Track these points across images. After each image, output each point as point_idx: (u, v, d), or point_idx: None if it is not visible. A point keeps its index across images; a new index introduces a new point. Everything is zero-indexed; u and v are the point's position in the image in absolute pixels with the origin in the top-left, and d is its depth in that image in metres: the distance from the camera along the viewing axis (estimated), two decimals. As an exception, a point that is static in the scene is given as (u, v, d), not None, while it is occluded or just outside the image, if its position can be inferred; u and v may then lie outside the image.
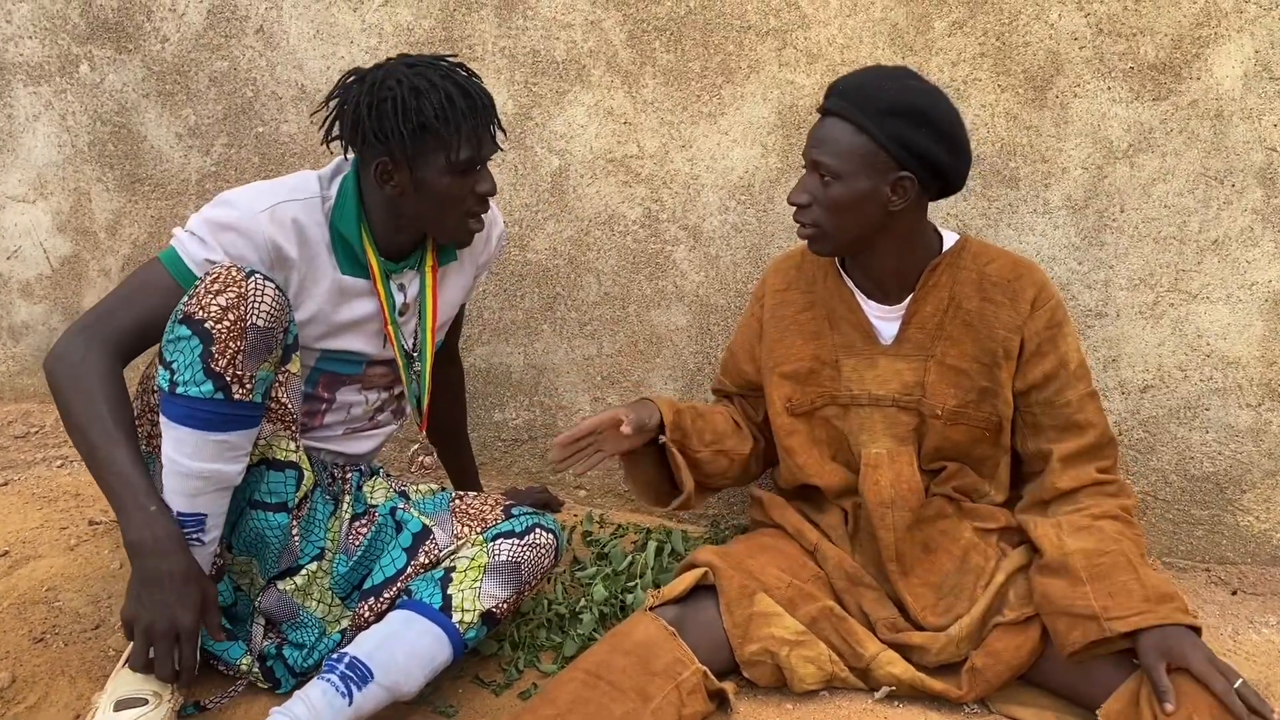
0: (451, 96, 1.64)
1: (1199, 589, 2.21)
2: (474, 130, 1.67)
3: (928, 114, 1.63)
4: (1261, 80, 2.06)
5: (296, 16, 2.46)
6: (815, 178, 1.68)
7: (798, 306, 1.88)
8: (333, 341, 1.79)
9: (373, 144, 1.66)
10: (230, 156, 2.58)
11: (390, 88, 1.64)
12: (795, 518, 1.91)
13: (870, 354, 1.81)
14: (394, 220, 1.75)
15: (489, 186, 1.73)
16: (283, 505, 1.66)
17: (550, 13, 2.33)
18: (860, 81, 1.67)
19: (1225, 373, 2.18)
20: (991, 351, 1.75)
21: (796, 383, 1.86)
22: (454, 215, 1.73)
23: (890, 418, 1.80)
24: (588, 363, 2.47)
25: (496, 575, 1.72)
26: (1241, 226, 2.12)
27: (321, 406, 1.85)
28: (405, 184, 1.68)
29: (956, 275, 1.77)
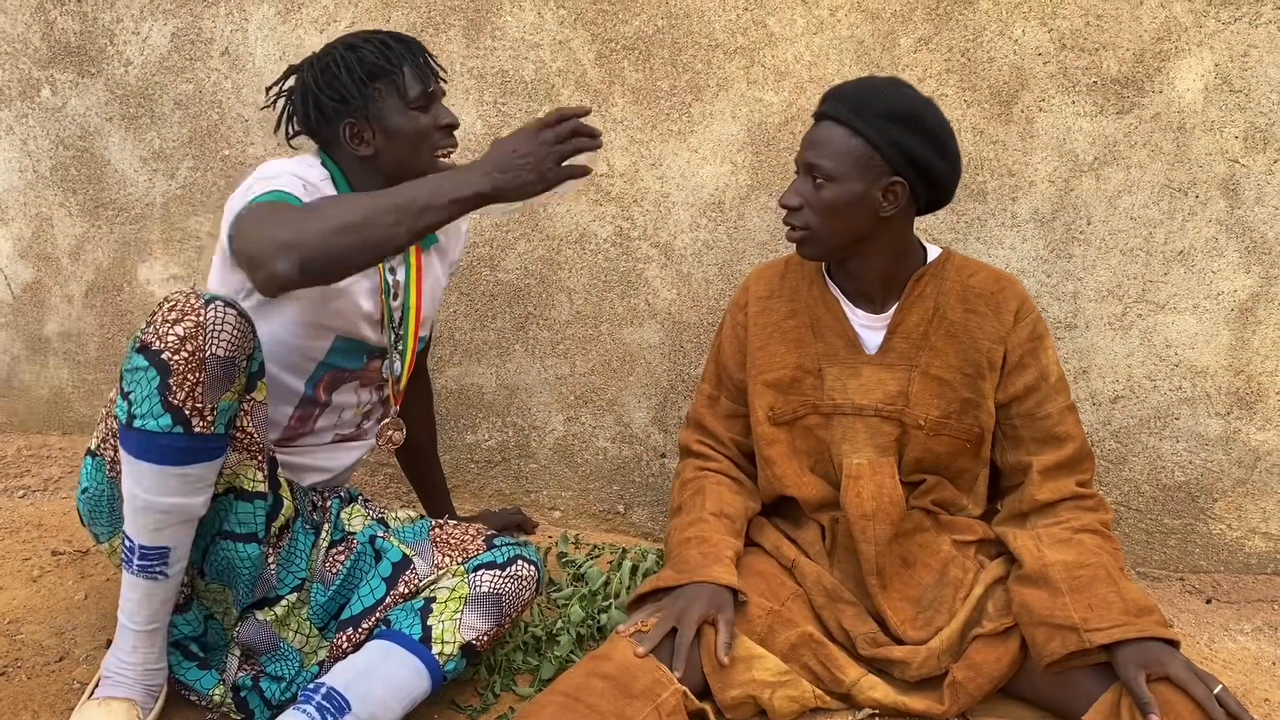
0: (385, 41, 1.74)
1: (1174, 598, 2.22)
2: (417, 66, 1.75)
3: (922, 120, 1.66)
4: (1221, 93, 2.09)
5: (262, 39, 2.44)
6: (808, 181, 1.70)
7: (781, 314, 1.87)
8: (338, 321, 1.77)
9: (331, 110, 1.72)
10: (196, 180, 2.55)
11: (328, 54, 1.74)
12: (774, 535, 1.90)
13: (854, 363, 1.81)
14: (379, 186, 1.76)
15: (451, 118, 1.79)
16: (253, 536, 1.63)
17: (518, 33, 2.33)
18: (856, 88, 1.70)
19: (1194, 382, 2.20)
20: (975, 362, 1.76)
21: (779, 391, 1.85)
22: (425, 152, 1.76)
23: (873, 428, 1.80)
24: (560, 382, 2.46)
25: (477, 607, 1.69)
26: (1206, 237, 2.14)
27: (316, 411, 1.83)
28: (375, 138, 1.74)
29: (941, 286, 1.78)
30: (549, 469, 2.51)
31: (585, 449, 2.48)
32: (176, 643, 1.66)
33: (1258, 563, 2.25)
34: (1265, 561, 2.25)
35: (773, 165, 2.27)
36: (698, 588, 1.69)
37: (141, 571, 1.53)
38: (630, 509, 2.48)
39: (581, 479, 2.49)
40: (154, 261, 2.62)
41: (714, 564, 1.73)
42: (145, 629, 1.56)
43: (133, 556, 1.52)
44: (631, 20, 2.27)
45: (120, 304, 2.68)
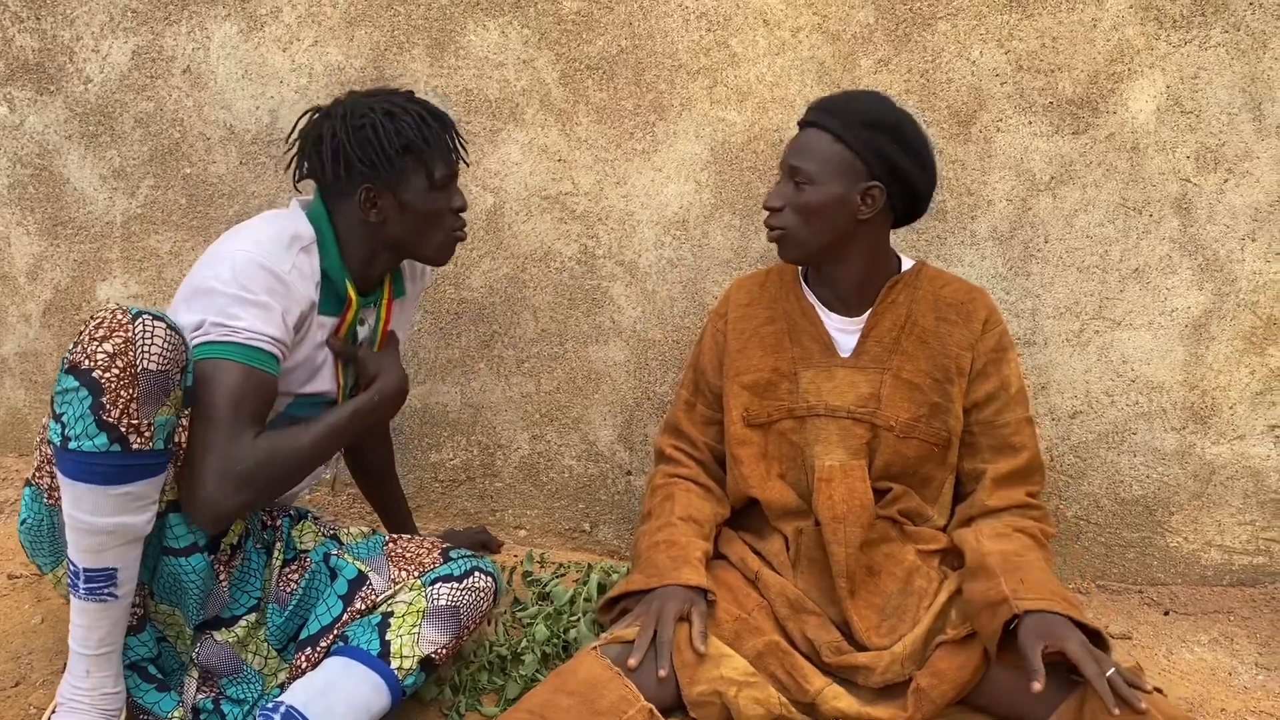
0: (424, 116, 1.73)
1: (1133, 610, 2.25)
2: (447, 146, 1.75)
3: (901, 129, 1.75)
4: (1173, 114, 2.14)
5: (225, 57, 2.43)
6: (790, 184, 1.77)
7: (760, 320, 1.92)
8: (310, 385, 1.77)
9: (357, 172, 1.70)
10: (157, 198, 2.53)
11: (365, 115, 1.70)
12: (740, 547, 1.92)
13: (828, 365, 1.86)
14: (372, 251, 1.78)
15: (462, 201, 1.81)
16: (194, 547, 1.60)
17: (482, 52, 2.33)
18: (841, 98, 1.80)
19: (1150, 397, 2.24)
20: (945, 368, 1.81)
21: (754, 394, 1.89)
22: (439, 233, 1.78)
23: (845, 429, 1.83)
24: (525, 400, 2.45)
25: (435, 620, 1.68)
26: (1160, 255, 2.19)
27: None
28: (389, 209, 1.73)
29: (914, 294, 1.85)
30: (514, 488, 2.50)
31: (550, 467, 2.48)
32: (134, 665, 1.64)
33: (1213, 575, 2.29)
34: (1221, 573, 2.28)
35: (736, 184, 2.29)
36: (669, 589, 1.72)
37: (89, 595, 1.50)
38: (596, 527, 2.48)
39: (547, 497, 2.49)
40: (114, 280, 2.59)
41: (683, 566, 1.76)
42: (97, 653, 1.54)
43: (78, 581, 1.49)
44: (595, 40, 2.29)
45: (79, 324, 2.65)
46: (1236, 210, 2.15)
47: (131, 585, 1.53)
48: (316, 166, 1.73)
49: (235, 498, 1.52)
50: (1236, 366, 2.20)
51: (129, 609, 1.56)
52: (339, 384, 1.82)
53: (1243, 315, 2.18)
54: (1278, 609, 2.22)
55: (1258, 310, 2.18)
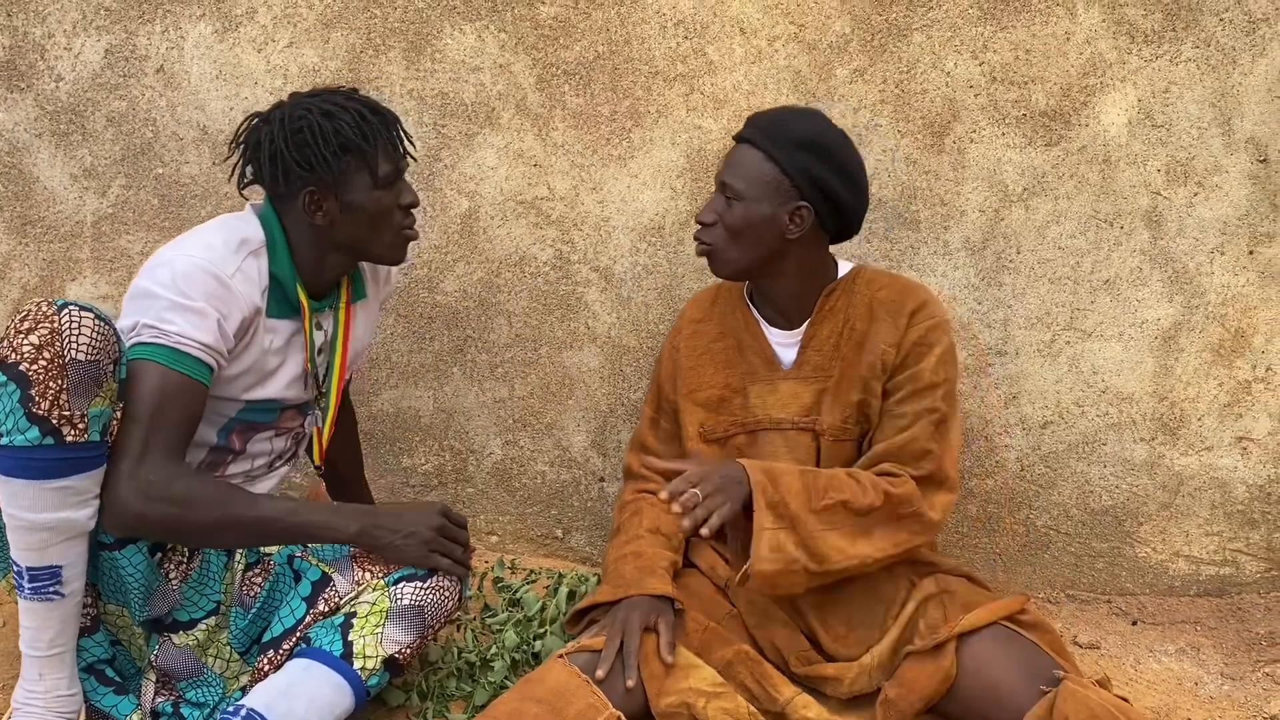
0: (363, 114, 1.70)
1: (1101, 620, 2.26)
2: (390, 143, 1.73)
3: (833, 151, 1.75)
4: (1145, 127, 2.16)
5: (199, 57, 2.42)
6: (722, 199, 1.78)
7: (711, 336, 1.93)
8: (259, 390, 1.76)
9: (296, 176, 1.68)
10: (129, 198, 2.51)
11: (302, 116, 1.68)
12: (710, 556, 1.92)
13: (772, 379, 1.87)
14: (322, 254, 1.76)
15: (412, 197, 1.78)
16: (127, 539, 1.59)
17: (459, 56, 2.33)
18: (775, 116, 1.79)
19: (1120, 408, 2.25)
20: (871, 365, 1.81)
21: (709, 410, 1.90)
22: (387, 232, 1.76)
23: (791, 440, 1.85)
24: (499, 405, 2.44)
25: (399, 620, 1.67)
26: (1131, 267, 2.20)
27: (228, 458, 1.80)
28: (334, 210, 1.71)
29: (851, 300, 1.85)
30: (486, 493, 2.49)
31: (523, 473, 2.47)
32: (91, 667, 1.62)
33: (1181, 585, 2.30)
34: (1188, 583, 2.30)
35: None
36: (635, 600, 1.72)
37: (35, 594, 1.48)
38: (569, 533, 2.47)
39: (519, 503, 2.48)
40: (83, 280, 2.56)
41: (648, 576, 1.76)
42: (49, 654, 1.52)
43: (23, 580, 1.48)
44: (572, 46, 2.29)
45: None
46: (1205, 223, 2.17)
47: (79, 584, 1.51)
48: (260, 174, 1.72)
49: (141, 504, 1.51)
50: (1205, 378, 2.22)
51: (79, 609, 1.54)
52: (306, 370, 1.81)
53: (1211, 328, 2.20)
54: (1243, 620, 2.23)
55: (1226, 323, 2.20)
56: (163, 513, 1.54)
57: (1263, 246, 2.17)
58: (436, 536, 1.69)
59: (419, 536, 1.68)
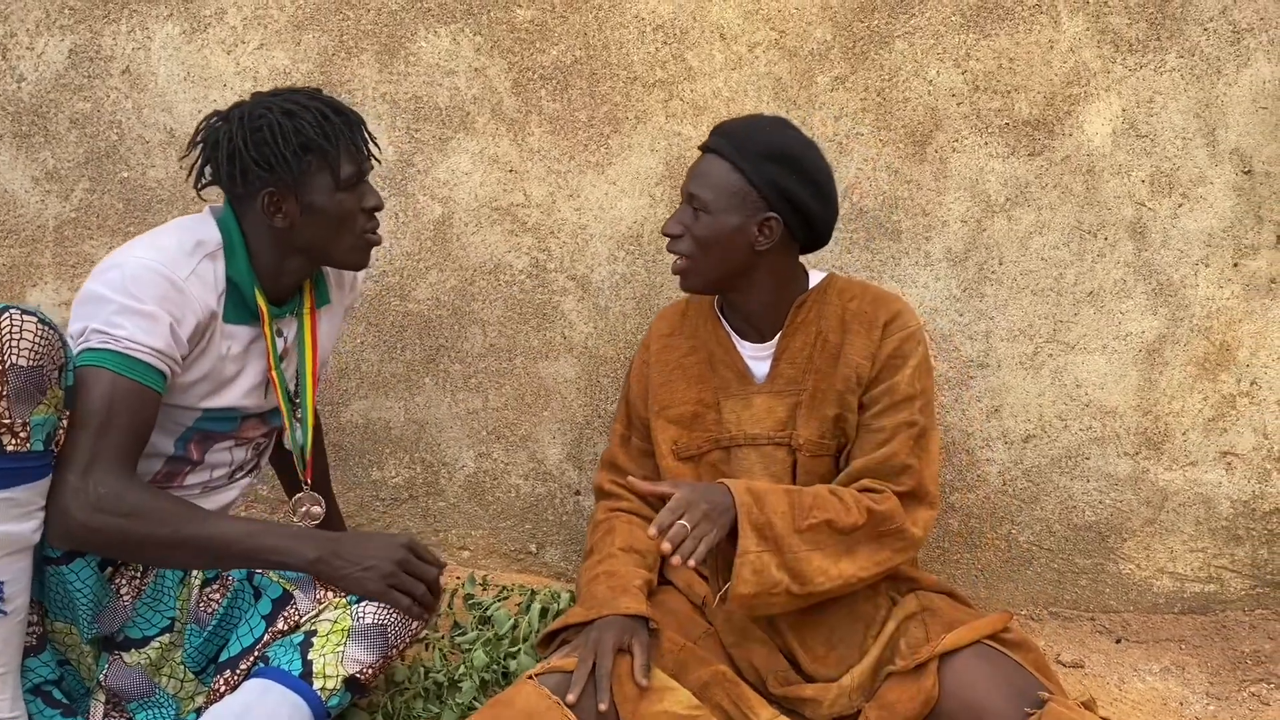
0: (325, 114, 1.65)
1: (1085, 638, 2.22)
2: (352, 143, 1.68)
3: (800, 162, 1.71)
4: (1129, 137, 2.13)
5: (166, 58, 2.36)
6: (689, 210, 1.73)
7: (682, 351, 1.88)
8: (217, 399, 1.70)
9: (255, 176, 1.62)
10: (92, 202, 2.44)
11: (262, 115, 1.63)
12: (687, 573, 1.87)
13: (745, 394, 1.83)
14: (282, 258, 1.71)
15: (376, 200, 1.72)
16: (74, 552, 1.53)
17: (433, 59, 2.28)
18: (742, 125, 1.75)
19: (1103, 422, 2.22)
20: (846, 378, 1.77)
21: (682, 427, 1.85)
22: (349, 235, 1.70)
23: (766, 456, 1.80)
24: (472, 417, 2.38)
25: (361, 639, 1.61)
26: (1115, 279, 2.17)
27: (185, 468, 1.73)
28: (294, 212, 1.66)
29: (822, 311, 1.81)
30: (458, 507, 2.43)
31: (497, 486, 2.41)
32: (37, 688, 1.55)
33: (1165, 602, 2.26)
34: (1172, 601, 2.26)
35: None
36: (607, 620, 1.66)
37: None
38: (543, 549, 2.41)
39: (492, 517, 2.42)
40: (45, 286, 2.49)
41: (621, 595, 1.71)
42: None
43: None
44: (549, 50, 2.25)
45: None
46: (1190, 235, 2.14)
47: (22, 600, 1.45)
48: (218, 174, 1.66)
49: (88, 517, 1.45)
50: (1189, 392, 2.19)
51: (23, 626, 1.47)
52: (278, 391, 1.75)
53: (1196, 341, 2.17)
54: (1229, 637, 2.20)
55: (1210, 336, 2.17)
56: (111, 526, 1.48)
57: (1247, 259, 2.14)
58: (397, 571, 1.61)
59: (379, 570, 1.60)
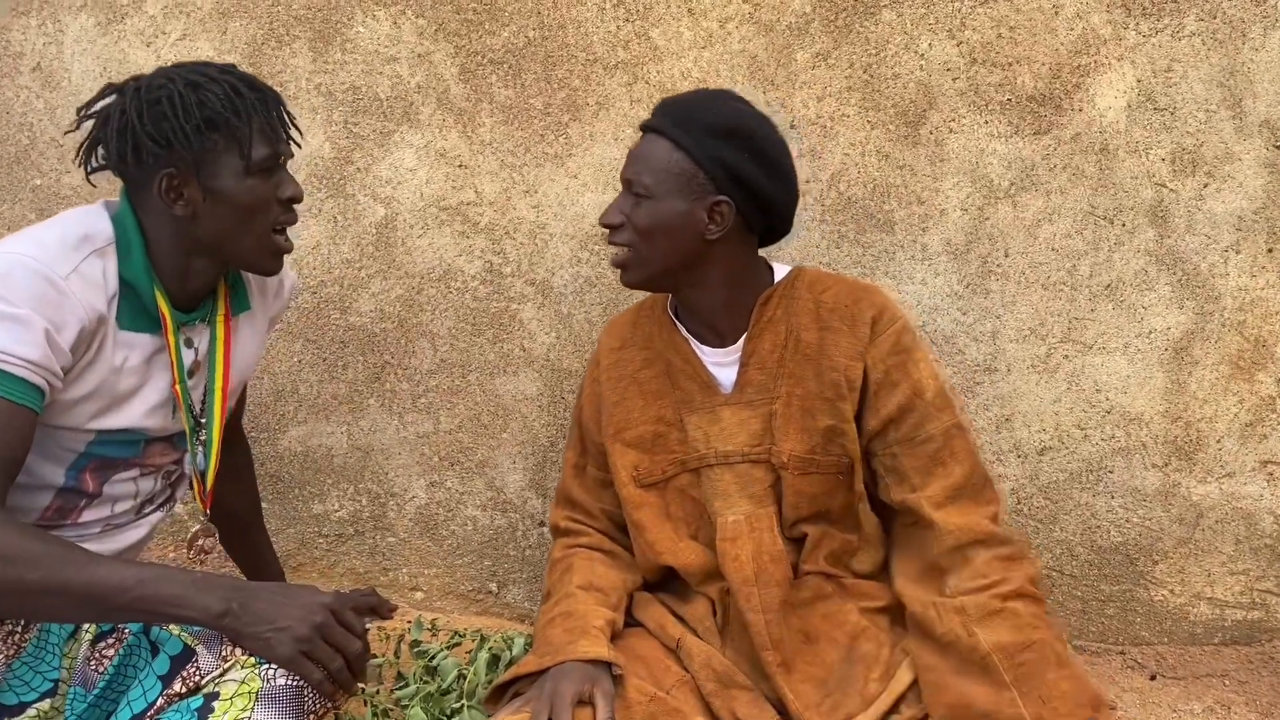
0: (236, 87, 1.42)
1: (1115, 674, 1.97)
2: (267, 123, 1.44)
3: (752, 137, 1.50)
4: (1146, 111, 1.91)
5: (80, 53, 2.14)
6: (630, 198, 1.52)
7: (636, 364, 1.66)
8: (110, 419, 1.45)
9: (151, 156, 1.38)
10: (3, 213, 2.22)
11: (162, 86, 1.40)
12: (658, 611, 1.63)
13: (711, 406, 1.59)
14: (187, 255, 1.47)
15: (294, 190, 1.48)
16: None
17: (372, 45, 2.06)
18: (683, 100, 1.55)
19: (1128, 430, 1.98)
20: (834, 383, 1.54)
21: (642, 450, 1.62)
22: (258, 229, 1.46)
23: (743, 475, 1.57)
24: (423, 441, 2.14)
25: (272, 704, 1.35)
26: (1135, 269, 1.95)
27: (80, 502, 1.48)
28: (196, 198, 1.42)
29: (792, 307, 1.58)
30: (409, 543, 2.18)
31: (451, 519, 2.16)
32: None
33: (1204, 632, 2.01)
34: (1212, 630, 2.01)
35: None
36: (564, 667, 1.43)
37: None
38: (504, 587, 2.16)
39: (447, 554, 2.17)
40: (-48, 308, 2.26)
41: (580, 638, 1.47)
42: None
43: None
44: (500, 31, 2.03)
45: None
46: (1218, 218, 1.92)
47: None
48: (110, 153, 1.42)
49: None
50: (1223, 394, 1.95)
51: None
52: (182, 410, 1.51)
53: (1228, 336, 1.94)
54: (1277, 670, 1.95)
55: (1245, 331, 1.93)
56: None
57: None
58: (314, 637, 1.34)
59: (293, 633, 1.33)
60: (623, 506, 1.63)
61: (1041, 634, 1.39)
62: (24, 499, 1.45)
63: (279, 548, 2.05)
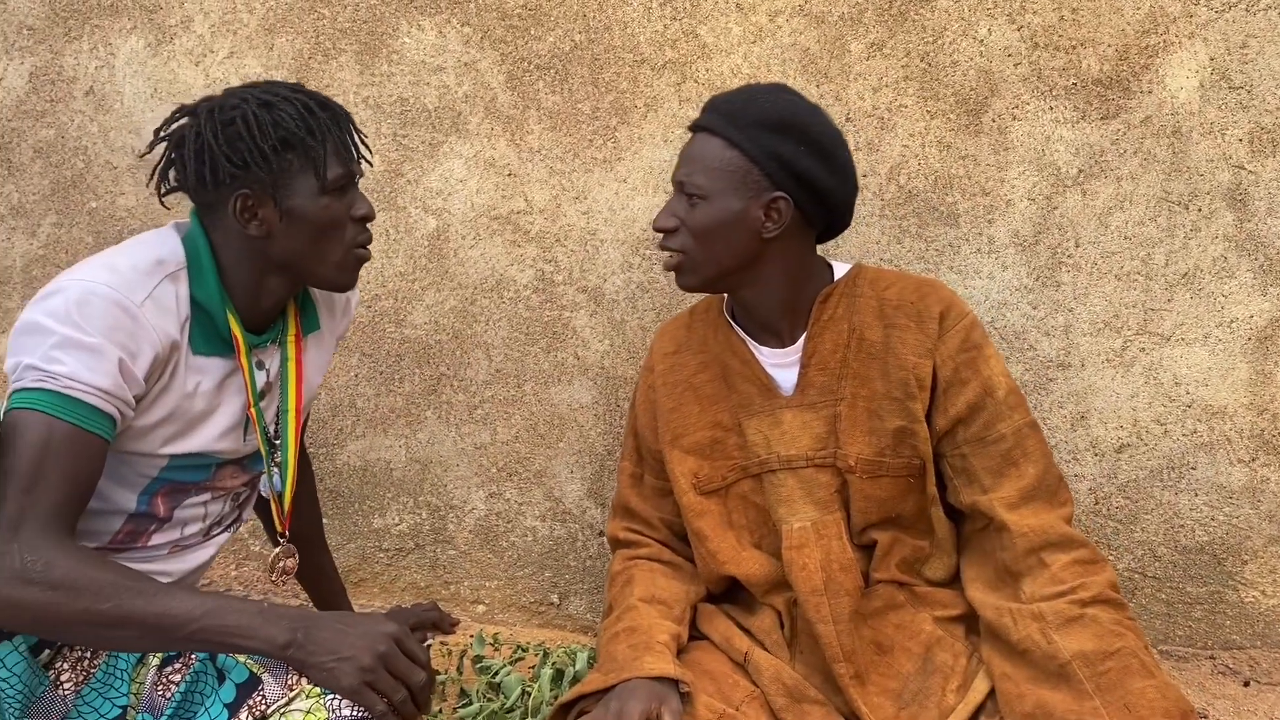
0: (309, 107, 1.41)
1: (1205, 681, 1.88)
2: (341, 142, 1.43)
3: (806, 129, 1.45)
4: (1220, 90, 1.82)
5: (131, 74, 2.15)
6: (683, 200, 1.48)
7: (691, 369, 1.61)
8: (183, 443, 1.44)
9: (227, 177, 1.37)
10: (60, 237, 2.24)
11: (236, 107, 1.39)
12: (724, 625, 1.58)
13: (772, 409, 1.54)
14: (259, 276, 1.47)
15: (367, 209, 1.47)
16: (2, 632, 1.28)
17: (418, 56, 2.04)
18: (733, 96, 1.50)
19: (1211, 424, 1.89)
20: (903, 382, 1.48)
21: (701, 457, 1.57)
22: (335, 248, 1.45)
23: (807, 480, 1.51)
24: (480, 452, 2.12)
25: None
26: (1213, 256, 1.86)
27: (150, 527, 1.48)
28: (271, 218, 1.41)
29: (854, 304, 1.53)
30: (470, 555, 2.16)
31: (511, 530, 2.13)
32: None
33: (1299, 634, 1.92)
34: (1308, 632, 1.92)
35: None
36: (630, 685, 1.39)
37: None
38: (566, 599, 2.13)
39: (508, 565, 2.14)
40: (16, 332, 2.29)
41: (645, 654, 1.43)
42: None
43: None
44: (545, 36, 2.00)
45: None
46: (1302, 199, 1.82)
47: None
48: (182, 174, 1.41)
49: (12, 589, 1.19)
50: (1312, 384, 1.86)
51: None
52: (257, 432, 1.51)
53: (1316, 323, 1.84)
54: (1380, 674, 1.85)
55: (1334, 317, 1.84)
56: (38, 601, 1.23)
57: (1373, 223, 1.81)
58: (377, 667, 1.32)
59: (356, 663, 1.30)
60: (683, 515, 1.58)
61: (1125, 641, 1.33)
62: (96, 524, 1.45)
63: (340, 563, 2.04)
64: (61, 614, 1.25)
